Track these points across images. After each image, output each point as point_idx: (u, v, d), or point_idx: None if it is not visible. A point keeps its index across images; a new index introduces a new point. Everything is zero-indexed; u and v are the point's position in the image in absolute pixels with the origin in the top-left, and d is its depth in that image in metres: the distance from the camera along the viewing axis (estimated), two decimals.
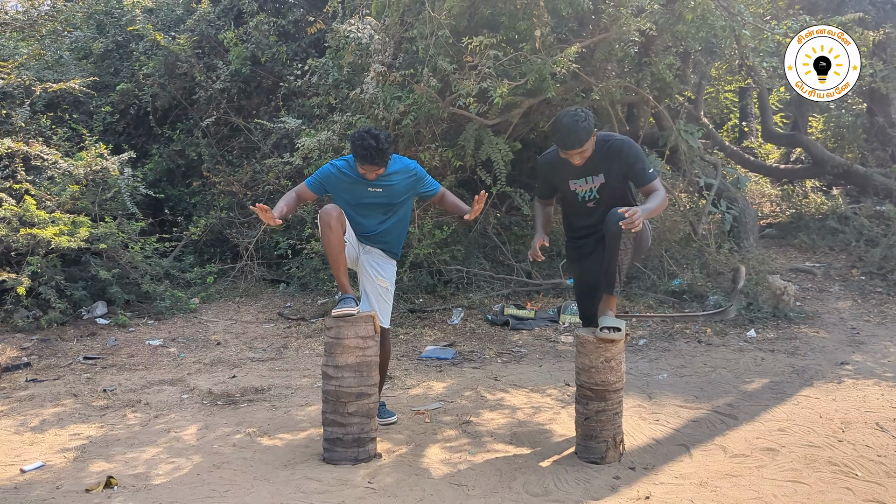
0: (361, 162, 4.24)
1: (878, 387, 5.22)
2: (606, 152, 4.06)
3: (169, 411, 4.97)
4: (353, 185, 4.38)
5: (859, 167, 10.30)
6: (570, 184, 4.17)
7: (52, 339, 6.53)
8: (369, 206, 4.42)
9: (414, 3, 7.08)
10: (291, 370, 5.84)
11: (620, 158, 4.05)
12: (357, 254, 4.48)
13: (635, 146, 4.12)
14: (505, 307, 7.20)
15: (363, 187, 4.37)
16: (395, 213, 4.49)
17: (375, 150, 4.18)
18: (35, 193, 7.07)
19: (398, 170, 4.42)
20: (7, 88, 8.01)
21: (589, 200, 4.19)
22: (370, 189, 4.37)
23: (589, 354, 4.04)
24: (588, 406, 4.07)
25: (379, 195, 4.39)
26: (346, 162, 4.43)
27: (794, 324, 6.76)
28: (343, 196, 4.43)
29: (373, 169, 4.27)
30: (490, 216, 8.49)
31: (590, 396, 4.06)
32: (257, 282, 8.17)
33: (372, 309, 4.34)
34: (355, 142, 4.23)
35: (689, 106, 9.42)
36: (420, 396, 5.22)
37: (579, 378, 4.12)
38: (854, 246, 8.71)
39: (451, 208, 4.73)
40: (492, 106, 6.92)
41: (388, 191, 4.40)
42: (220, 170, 8.61)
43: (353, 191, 4.39)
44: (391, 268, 4.55)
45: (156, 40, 8.60)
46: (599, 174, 4.10)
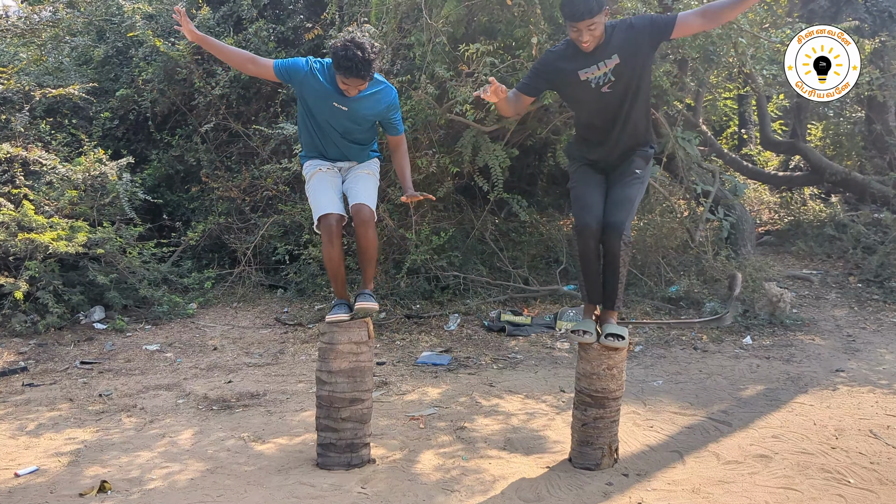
0: (345, 74, 3.83)
1: (872, 394, 5.23)
2: (617, 32, 3.85)
3: (164, 416, 4.98)
4: (319, 93, 4.01)
5: (857, 175, 10.31)
6: (579, 74, 3.89)
7: (50, 343, 6.54)
8: (330, 123, 4.10)
9: (412, 11, 7.11)
10: (287, 375, 5.85)
11: (634, 28, 3.86)
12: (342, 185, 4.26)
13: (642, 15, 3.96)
14: (501, 313, 7.21)
15: (329, 101, 4.01)
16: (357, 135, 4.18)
17: (361, 61, 3.78)
18: (33, 198, 7.09)
19: (372, 92, 4.05)
20: (7, 94, 8.03)
21: (603, 85, 3.90)
22: (335, 105, 4.01)
23: (591, 361, 4.05)
24: (586, 413, 4.08)
25: (343, 115, 4.06)
26: (323, 65, 4.03)
27: (791, 331, 6.77)
28: (304, 98, 4.08)
29: (356, 83, 3.88)
30: (488, 222, 8.51)
31: (589, 403, 4.07)
32: (255, 287, 8.18)
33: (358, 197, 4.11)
34: (337, 52, 3.80)
35: (687, 113, 9.43)
36: (415, 402, 5.23)
37: (579, 384, 4.13)
38: (851, 253, 8.72)
39: (399, 168, 4.35)
40: (489, 112, 6.95)
41: (354, 110, 4.05)
42: (219, 175, 8.62)
43: (317, 99, 4.03)
44: (371, 163, 4.36)
45: (155, 46, 8.62)
46: (613, 55, 3.85)
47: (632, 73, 3.89)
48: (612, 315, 4.16)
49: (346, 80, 3.87)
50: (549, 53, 4.03)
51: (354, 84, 3.90)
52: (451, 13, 6.74)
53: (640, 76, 3.94)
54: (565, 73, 3.92)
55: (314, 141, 4.24)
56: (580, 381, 4.12)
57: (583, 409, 4.10)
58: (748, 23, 7.41)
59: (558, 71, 3.94)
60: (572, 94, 4.04)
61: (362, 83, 3.91)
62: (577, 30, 3.75)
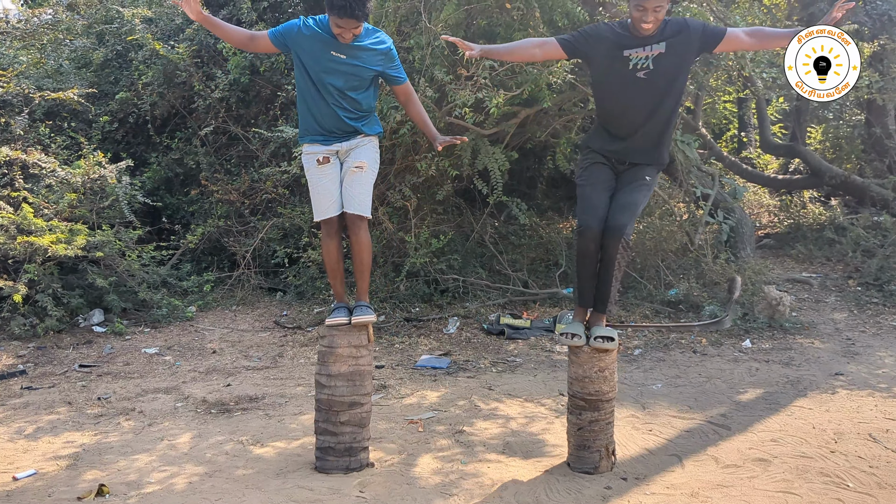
0: (339, 14, 3.82)
1: (871, 398, 5.23)
2: (671, 25, 3.90)
3: (163, 419, 4.97)
4: (317, 46, 3.99)
5: (857, 178, 10.32)
6: (623, 51, 3.92)
7: (49, 346, 6.54)
8: (332, 73, 4.01)
9: (411, 14, 7.11)
10: (286, 379, 5.85)
11: (688, 28, 3.91)
12: (341, 171, 4.20)
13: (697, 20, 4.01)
14: (501, 316, 7.21)
15: (326, 50, 3.98)
16: (356, 92, 4.11)
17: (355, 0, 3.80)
18: (33, 201, 7.08)
19: (369, 40, 4.06)
20: (6, 97, 8.04)
21: (640, 69, 3.93)
22: (333, 53, 3.98)
23: (583, 364, 4.06)
24: (581, 416, 4.09)
25: (342, 63, 4.00)
26: (317, 20, 4.05)
27: (790, 334, 6.77)
28: (301, 58, 4.04)
29: (351, 24, 3.87)
30: (487, 225, 8.51)
31: (583, 406, 4.08)
32: (254, 290, 8.18)
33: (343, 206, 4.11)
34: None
35: (686, 116, 9.44)
36: (414, 406, 5.22)
37: (572, 388, 4.13)
38: (851, 257, 8.71)
39: (417, 118, 4.37)
40: (488, 116, 6.95)
41: (352, 59, 4.01)
42: (218, 178, 8.63)
43: (314, 52, 4.00)
44: (369, 146, 4.23)
45: (155, 50, 8.63)
46: (661, 43, 3.90)
47: (669, 68, 3.93)
48: (601, 318, 4.16)
49: (341, 21, 3.86)
50: (601, 24, 4.08)
51: (349, 26, 3.89)
52: (451, 16, 6.75)
53: (676, 76, 3.98)
54: (611, 44, 3.95)
55: (311, 112, 4.15)
56: (573, 385, 4.12)
57: (577, 413, 4.10)
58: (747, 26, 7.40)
59: (605, 40, 3.97)
60: (606, 71, 4.02)
61: (357, 25, 3.90)
62: (642, 9, 3.77)
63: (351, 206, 4.12)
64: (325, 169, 4.16)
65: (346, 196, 4.15)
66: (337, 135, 4.17)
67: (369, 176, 4.19)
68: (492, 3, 6.81)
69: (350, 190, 4.13)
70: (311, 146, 4.21)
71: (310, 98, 4.13)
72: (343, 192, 4.16)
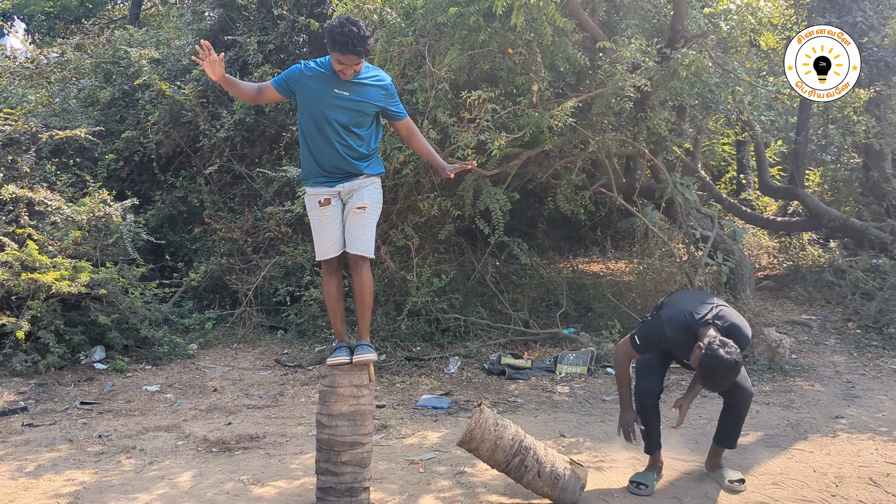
0: (342, 51, 3.92)
1: (872, 441, 5.22)
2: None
3: (163, 458, 4.97)
4: (320, 84, 4.09)
5: (855, 220, 10.39)
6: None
7: (50, 383, 6.55)
8: (330, 115, 4.08)
9: (415, 58, 7.24)
10: (287, 418, 5.85)
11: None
12: (344, 213, 4.23)
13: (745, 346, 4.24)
14: (502, 356, 7.22)
15: (329, 88, 4.07)
16: (359, 129, 4.17)
17: (357, 36, 3.88)
18: (37, 238, 7.14)
19: (369, 77, 4.16)
20: (14, 135, 8.15)
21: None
22: (336, 91, 4.07)
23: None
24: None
25: (345, 99, 4.08)
26: (316, 62, 4.15)
27: (790, 376, 6.78)
28: (305, 98, 4.13)
29: (352, 60, 3.96)
30: (488, 265, 8.57)
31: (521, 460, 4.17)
32: (256, 328, 8.20)
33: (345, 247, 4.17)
34: (334, 29, 3.91)
35: (685, 158, 9.54)
36: (415, 446, 5.22)
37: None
38: (850, 299, 8.75)
39: (423, 151, 4.46)
40: (490, 157, 7.04)
41: (354, 95, 4.10)
42: (222, 216, 8.71)
43: (317, 91, 4.09)
44: (371, 187, 4.25)
45: (161, 90, 8.77)
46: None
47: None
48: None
49: (343, 57, 3.95)
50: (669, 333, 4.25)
51: (350, 62, 3.98)
52: (454, 60, 6.87)
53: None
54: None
55: (313, 154, 4.19)
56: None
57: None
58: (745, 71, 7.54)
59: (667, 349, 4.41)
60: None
61: (358, 61, 3.99)
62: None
63: (354, 246, 4.17)
64: (326, 210, 4.21)
65: (348, 237, 4.19)
66: (339, 175, 4.20)
67: (372, 216, 4.23)
68: (494, 48, 6.93)
69: (353, 231, 4.18)
70: (314, 188, 4.25)
71: (312, 139, 4.18)
72: (346, 233, 4.21)
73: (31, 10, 16.07)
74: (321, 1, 8.77)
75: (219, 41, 9.39)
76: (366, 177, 4.24)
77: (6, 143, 8.14)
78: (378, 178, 4.34)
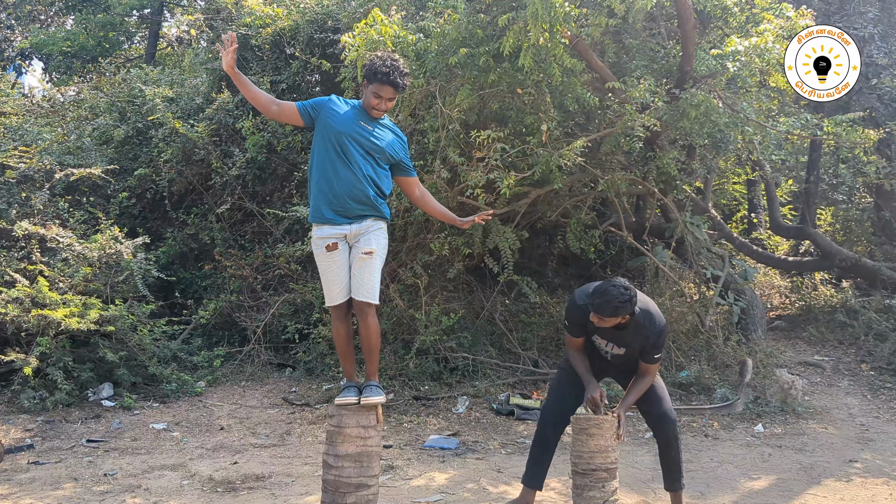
0: (382, 81, 4.10)
1: (886, 486, 5.14)
2: (636, 333, 4.22)
3: (168, 497, 4.93)
4: (348, 113, 4.20)
5: (868, 261, 10.33)
6: (594, 337, 4.37)
7: (57, 420, 6.53)
8: (353, 142, 4.15)
9: (425, 98, 7.30)
10: (293, 457, 5.81)
11: (647, 342, 4.22)
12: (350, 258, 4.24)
13: (664, 336, 4.31)
14: (511, 396, 7.16)
15: (356, 119, 4.19)
16: (377, 166, 4.23)
17: (399, 69, 4.10)
18: (48, 275, 7.17)
19: (391, 127, 4.34)
20: (29, 172, 8.23)
21: (606, 355, 4.41)
22: (361, 122, 4.18)
23: (605, 434, 4.09)
24: (605, 488, 4.07)
25: (367, 133, 4.19)
26: (344, 98, 4.31)
27: (803, 419, 6.69)
28: (333, 124, 4.17)
29: (389, 93, 4.14)
30: (498, 304, 8.53)
31: (605, 478, 4.08)
32: (264, 366, 8.17)
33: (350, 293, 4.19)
34: (375, 62, 4.13)
35: (696, 197, 9.54)
36: (422, 488, 5.16)
37: (594, 462, 4.11)
38: (863, 340, 8.67)
39: (435, 210, 4.60)
40: (499, 196, 7.05)
41: (376, 134, 4.22)
42: (232, 254, 8.73)
43: (346, 119, 4.18)
44: (378, 232, 4.27)
45: (175, 128, 8.85)
46: (622, 348, 4.30)
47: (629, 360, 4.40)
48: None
49: (381, 88, 4.12)
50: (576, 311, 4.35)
51: (387, 95, 4.14)
52: (464, 101, 6.92)
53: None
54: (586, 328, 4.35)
55: (329, 181, 4.17)
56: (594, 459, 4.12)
57: (601, 486, 4.09)
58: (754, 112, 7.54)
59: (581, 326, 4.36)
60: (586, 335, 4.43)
61: (394, 95, 4.18)
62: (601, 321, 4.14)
63: (359, 293, 4.17)
64: (333, 256, 4.21)
65: (354, 283, 4.19)
66: (352, 211, 4.18)
67: (378, 262, 4.23)
68: (504, 88, 6.98)
69: (359, 277, 4.18)
70: (321, 228, 4.24)
71: (331, 166, 4.16)
72: (352, 279, 4.21)
73: (49, 50, 16.31)
74: (333, 42, 8.85)
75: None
76: (374, 220, 4.25)
77: (20, 180, 8.21)
78: (385, 223, 4.35)
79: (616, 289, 4.03)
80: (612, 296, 4.01)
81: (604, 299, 4.02)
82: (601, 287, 4.10)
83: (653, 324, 4.20)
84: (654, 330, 4.20)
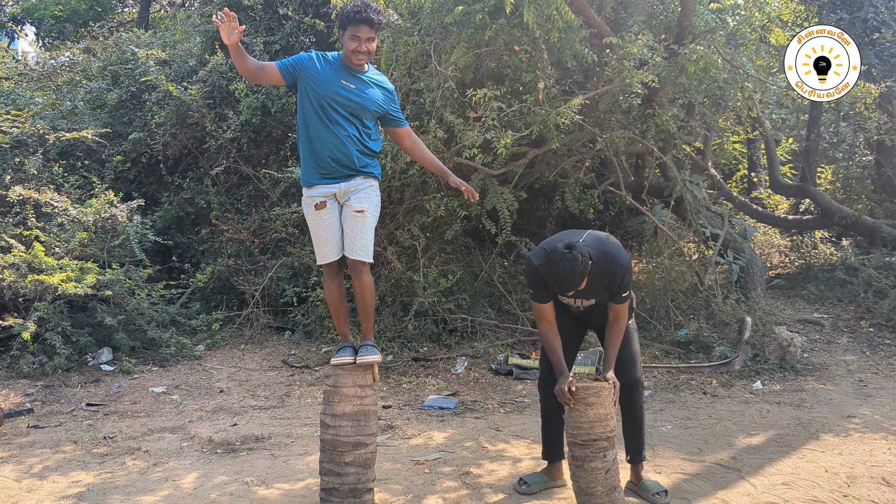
0: (354, 21, 3.99)
1: (885, 441, 5.15)
2: (601, 279, 4.00)
3: (168, 459, 4.95)
4: (328, 72, 4.10)
5: (868, 218, 10.29)
6: (559, 297, 4.17)
7: (57, 385, 6.54)
8: (336, 104, 4.07)
9: (421, 57, 7.20)
10: (293, 419, 5.82)
11: (613, 283, 4.02)
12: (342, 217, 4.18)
13: (629, 272, 4.06)
14: (509, 356, 7.17)
15: (336, 78, 4.08)
16: (361, 126, 4.15)
17: (368, 6, 3.99)
18: (44, 240, 7.14)
19: (374, 78, 4.21)
20: (21, 137, 8.15)
21: (578, 310, 4.25)
22: (342, 81, 4.08)
23: (603, 402, 3.95)
24: (606, 457, 3.97)
25: (350, 91, 4.09)
26: (325, 53, 4.19)
27: (801, 376, 6.70)
28: (312, 84, 4.09)
29: (365, 32, 4.01)
30: (496, 265, 8.51)
31: (605, 447, 3.96)
32: (263, 329, 8.17)
33: (343, 251, 4.15)
34: (346, 7, 4.03)
35: (695, 157, 9.47)
36: (420, 447, 5.18)
37: (594, 432, 3.97)
38: (862, 297, 8.66)
39: (427, 160, 4.44)
40: (496, 156, 6.98)
41: (360, 89, 4.11)
42: (229, 217, 8.69)
43: (326, 78, 4.08)
44: (369, 190, 4.20)
45: (168, 91, 8.76)
46: (591, 299, 4.12)
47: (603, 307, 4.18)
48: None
49: (356, 29, 4.01)
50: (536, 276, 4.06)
51: (364, 34, 4.02)
52: (460, 59, 6.82)
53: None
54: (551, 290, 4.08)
55: (313, 143, 4.13)
56: (594, 428, 3.95)
57: (602, 456, 3.96)
58: (754, 68, 7.45)
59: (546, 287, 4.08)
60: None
61: (371, 34, 4.04)
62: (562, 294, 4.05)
63: (353, 252, 4.13)
64: (322, 214, 4.16)
65: (347, 241, 4.15)
66: (337, 172, 4.14)
67: (370, 220, 4.18)
68: (500, 45, 6.88)
69: (352, 235, 4.13)
70: (311, 189, 4.20)
71: (313, 128, 4.12)
72: (345, 237, 4.17)
73: (40, 14, 16.13)
74: (326, 1, 8.72)
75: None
76: (363, 177, 4.19)
77: (14, 145, 8.14)
78: (376, 180, 4.29)
79: (563, 261, 3.77)
80: (563, 270, 3.76)
81: (557, 277, 3.80)
82: (547, 265, 3.84)
83: (613, 263, 3.98)
84: (616, 269, 3.99)
